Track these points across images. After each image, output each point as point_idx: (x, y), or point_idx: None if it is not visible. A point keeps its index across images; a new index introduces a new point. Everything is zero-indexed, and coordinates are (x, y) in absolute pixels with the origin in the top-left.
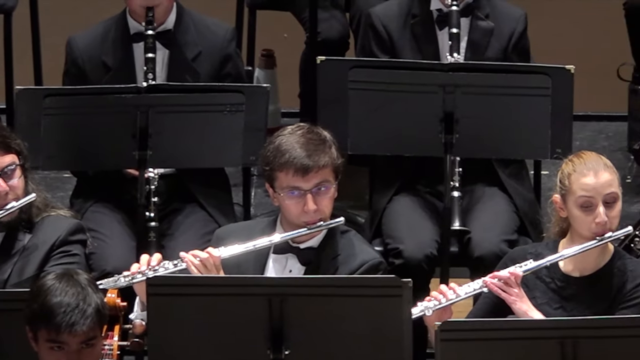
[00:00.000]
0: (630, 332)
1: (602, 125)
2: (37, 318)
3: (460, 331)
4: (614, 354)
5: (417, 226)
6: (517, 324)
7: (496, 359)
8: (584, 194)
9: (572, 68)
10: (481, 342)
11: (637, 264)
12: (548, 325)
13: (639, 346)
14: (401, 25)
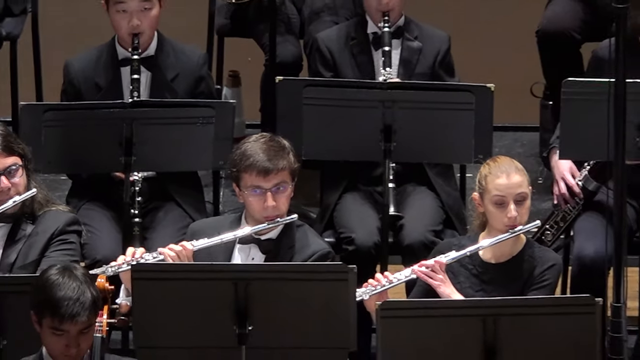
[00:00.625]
0: (540, 310)
1: (517, 135)
2: (43, 308)
3: (397, 309)
4: (527, 328)
5: (364, 218)
6: (445, 304)
7: (428, 334)
8: (498, 193)
9: (492, 86)
10: (415, 319)
11: (545, 252)
12: (472, 305)
13: (547, 321)
14: (342, 47)
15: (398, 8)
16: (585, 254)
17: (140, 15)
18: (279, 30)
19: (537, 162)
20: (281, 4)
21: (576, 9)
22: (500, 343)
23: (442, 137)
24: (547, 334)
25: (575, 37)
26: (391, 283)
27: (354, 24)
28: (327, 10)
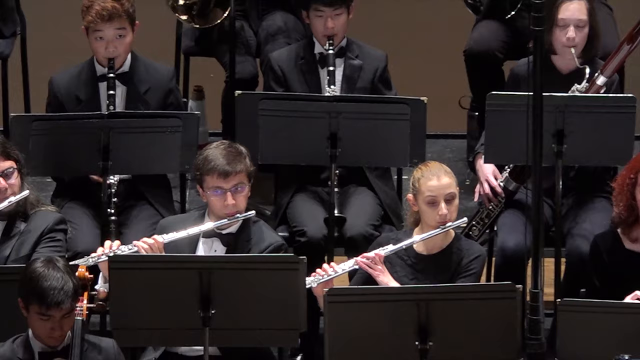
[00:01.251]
0: (468, 295)
1: (447, 142)
2: (31, 297)
3: (342, 295)
4: (456, 312)
5: (314, 214)
6: (384, 290)
7: (369, 317)
8: (430, 193)
9: (425, 99)
10: (357, 304)
11: (471, 244)
12: (407, 291)
13: (473, 305)
14: (292, 65)
15: (341, 32)
16: (507, 247)
17: (115, 42)
18: (238, 51)
19: (465, 166)
20: (240, 28)
21: (499, 31)
22: (432, 325)
23: (381, 143)
24: (474, 316)
25: (498, 56)
26: (336, 272)
27: (303, 45)
28: (281, 32)
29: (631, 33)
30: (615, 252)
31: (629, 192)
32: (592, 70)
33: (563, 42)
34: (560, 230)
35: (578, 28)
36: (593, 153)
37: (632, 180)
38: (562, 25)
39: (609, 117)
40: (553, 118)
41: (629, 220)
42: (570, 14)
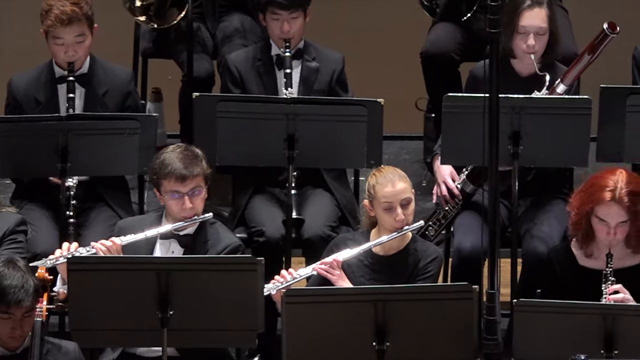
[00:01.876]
0: (424, 296)
1: (404, 144)
2: None
3: (300, 296)
4: (413, 312)
5: (272, 215)
6: (341, 291)
7: (327, 317)
8: (385, 200)
9: (382, 101)
10: (315, 305)
11: (428, 246)
12: (364, 292)
13: (430, 306)
14: (249, 67)
15: (298, 35)
16: (463, 247)
17: (75, 46)
18: (195, 50)
19: (422, 167)
20: (197, 29)
21: (455, 33)
22: (389, 325)
23: (338, 145)
24: (431, 317)
25: (455, 58)
26: (295, 279)
27: (260, 47)
28: (238, 34)
29: (592, 43)
30: (568, 268)
31: (584, 217)
32: (552, 76)
33: (523, 49)
34: (516, 231)
35: (538, 36)
36: (549, 155)
37: (589, 210)
38: (522, 32)
39: (565, 119)
40: (509, 120)
41: (583, 241)
42: (531, 22)
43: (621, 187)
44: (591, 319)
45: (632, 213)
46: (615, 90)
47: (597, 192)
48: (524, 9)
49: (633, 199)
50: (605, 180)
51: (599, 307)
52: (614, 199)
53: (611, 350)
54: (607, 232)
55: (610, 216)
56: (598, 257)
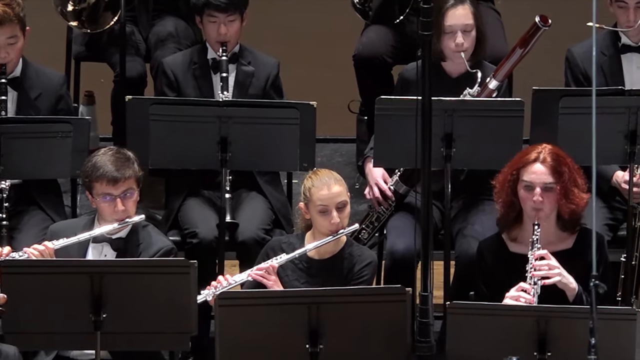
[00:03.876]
0: (358, 298)
1: (337, 146)
2: None
3: (233, 299)
4: (346, 315)
5: (206, 217)
6: (275, 293)
7: (260, 320)
8: (321, 203)
9: (315, 103)
10: (249, 307)
11: (363, 251)
12: (298, 294)
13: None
14: (185, 70)
15: (234, 39)
16: (396, 250)
17: (7, 48)
18: (128, 52)
19: (354, 169)
20: (131, 33)
21: (388, 36)
22: (323, 327)
23: (271, 148)
24: (364, 319)
25: (387, 60)
26: (230, 284)
27: (197, 51)
28: (171, 38)
29: (524, 37)
30: (499, 256)
31: (509, 188)
32: (483, 74)
33: (452, 48)
34: (449, 233)
35: (465, 33)
36: (482, 157)
37: (514, 176)
38: (449, 32)
39: (497, 121)
40: (442, 122)
41: (510, 217)
42: (456, 20)
43: (545, 151)
44: (524, 321)
45: (557, 174)
46: (548, 92)
47: (521, 157)
48: (447, 8)
49: (557, 159)
50: (531, 148)
51: (532, 309)
52: (538, 159)
53: (544, 352)
54: (533, 197)
55: (535, 175)
56: (527, 242)
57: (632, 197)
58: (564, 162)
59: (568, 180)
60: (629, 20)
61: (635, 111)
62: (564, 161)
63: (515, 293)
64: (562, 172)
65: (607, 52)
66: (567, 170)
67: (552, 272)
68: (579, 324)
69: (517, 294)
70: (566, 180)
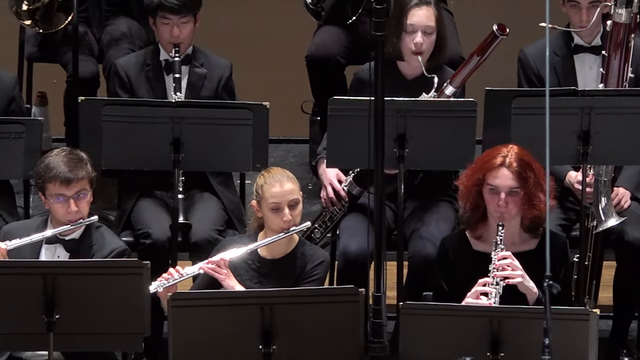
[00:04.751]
0: (311, 299)
1: (290, 147)
2: None
3: (186, 300)
4: (299, 315)
5: (158, 218)
6: (228, 294)
7: (213, 320)
8: (273, 200)
9: (268, 104)
10: (202, 308)
11: (315, 250)
12: (251, 295)
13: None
14: (138, 72)
15: (187, 40)
16: (349, 250)
17: None
18: (81, 52)
19: (307, 170)
20: (84, 33)
21: (340, 36)
22: (276, 328)
23: (224, 148)
24: (318, 320)
25: (340, 61)
26: (181, 277)
27: (150, 52)
28: (124, 38)
29: (482, 45)
30: (462, 254)
31: (475, 191)
32: (440, 79)
33: (411, 48)
34: (402, 234)
35: (426, 34)
36: (435, 157)
37: (480, 180)
38: (410, 31)
39: (450, 121)
40: (395, 122)
41: (475, 219)
42: (418, 20)
43: (511, 154)
44: (478, 322)
45: (522, 180)
46: (501, 92)
47: (487, 160)
48: (411, 7)
49: (523, 164)
50: (496, 151)
51: (485, 309)
52: (504, 164)
53: (497, 352)
54: (498, 201)
55: (500, 180)
56: (491, 241)
57: (585, 198)
58: (529, 167)
59: (533, 186)
60: (582, 21)
61: (588, 112)
62: (530, 166)
63: (478, 288)
64: (527, 177)
65: (560, 53)
66: (533, 176)
67: (515, 273)
68: (532, 324)
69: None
70: (531, 186)
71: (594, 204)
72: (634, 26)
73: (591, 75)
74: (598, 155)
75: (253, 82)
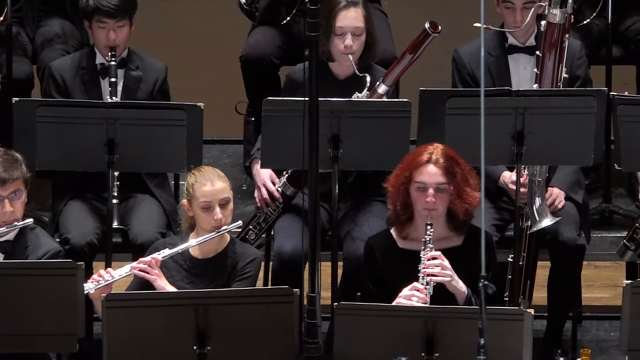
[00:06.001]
0: (246, 300)
1: (224, 147)
2: None
3: (120, 301)
4: (234, 316)
5: (82, 221)
6: (162, 295)
7: (147, 321)
8: (204, 199)
9: (202, 105)
10: (135, 309)
11: (246, 248)
12: (185, 296)
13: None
14: (74, 75)
15: (123, 44)
16: (284, 251)
17: None
18: (15, 53)
19: (241, 171)
20: (17, 34)
21: (274, 37)
22: (210, 328)
23: (159, 149)
24: (252, 320)
25: (274, 61)
26: (114, 278)
27: (85, 55)
28: (58, 39)
29: (414, 43)
30: (388, 252)
31: (403, 190)
32: (372, 78)
33: (341, 49)
34: (337, 234)
35: (355, 36)
36: (369, 158)
37: (407, 178)
38: (339, 33)
39: (384, 122)
40: (329, 123)
41: (403, 218)
42: (348, 22)
43: (437, 151)
44: (412, 322)
45: (450, 175)
46: (435, 93)
47: (413, 159)
48: (339, 9)
49: (449, 160)
50: (421, 149)
51: (420, 310)
52: (430, 161)
53: (432, 353)
54: (426, 198)
55: (428, 176)
56: (417, 239)
57: (519, 198)
58: (455, 162)
59: (461, 180)
60: (516, 21)
61: (522, 112)
62: (456, 161)
63: (408, 292)
64: (454, 172)
65: (494, 53)
66: (460, 171)
67: (444, 272)
68: (466, 324)
69: (409, 293)
70: (459, 180)
71: (528, 204)
72: (568, 26)
73: (525, 75)
74: (532, 156)
75: (188, 82)
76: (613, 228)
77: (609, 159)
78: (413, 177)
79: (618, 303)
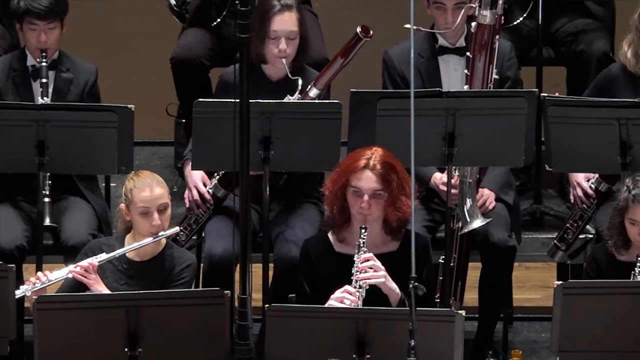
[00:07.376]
0: (177, 302)
1: (155, 149)
2: None
3: (52, 302)
4: (165, 318)
5: (11, 225)
6: (93, 297)
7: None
8: (142, 204)
9: (133, 107)
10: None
11: (183, 253)
12: (116, 298)
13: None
14: (5, 76)
15: (54, 46)
16: (214, 253)
17: None
18: None
19: (173, 172)
20: None
21: (205, 38)
22: (142, 330)
23: (89, 151)
24: (184, 322)
25: (205, 63)
26: (50, 281)
27: (16, 57)
28: None
29: (345, 47)
30: (324, 255)
31: (342, 194)
32: (304, 80)
33: (275, 53)
34: (268, 236)
35: (289, 40)
36: (300, 159)
37: (344, 182)
38: (274, 37)
39: (315, 123)
40: (260, 125)
41: (340, 222)
42: (282, 26)
43: (375, 157)
44: (343, 323)
45: (386, 182)
46: (366, 94)
47: (351, 163)
48: (274, 13)
49: (386, 167)
50: (360, 153)
51: (351, 311)
52: (368, 167)
53: (363, 354)
54: (361, 203)
55: (364, 182)
56: (353, 243)
57: (450, 199)
58: (393, 169)
59: (396, 188)
60: (447, 22)
61: (453, 113)
62: (394, 169)
63: (339, 295)
64: (390, 180)
65: (424, 54)
66: (396, 178)
67: (377, 274)
68: (398, 325)
69: (341, 295)
70: (394, 189)
71: (459, 205)
72: (498, 28)
73: (456, 76)
74: (463, 157)
75: (118, 84)
76: (544, 229)
77: (539, 160)
78: (349, 182)
79: (549, 304)
